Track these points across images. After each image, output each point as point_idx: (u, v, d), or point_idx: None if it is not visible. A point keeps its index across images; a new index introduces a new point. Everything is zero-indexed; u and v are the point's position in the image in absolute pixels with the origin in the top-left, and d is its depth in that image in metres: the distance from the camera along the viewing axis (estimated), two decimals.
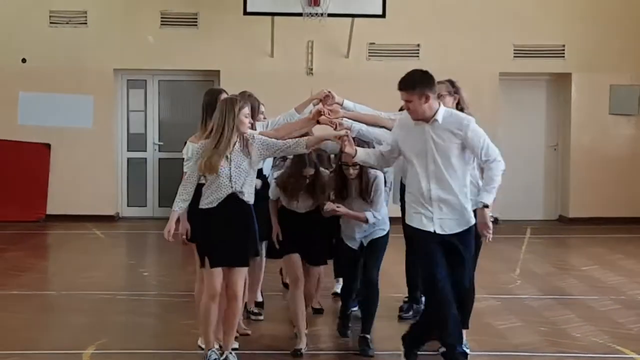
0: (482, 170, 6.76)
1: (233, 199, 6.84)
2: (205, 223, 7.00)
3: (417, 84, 6.69)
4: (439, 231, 6.64)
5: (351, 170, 7.44)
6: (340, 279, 9.61)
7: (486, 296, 9.16)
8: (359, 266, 8.00)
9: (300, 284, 7.68)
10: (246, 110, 7.01)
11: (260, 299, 8.66)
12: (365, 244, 7.92)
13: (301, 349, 7.45)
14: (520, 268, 11.66)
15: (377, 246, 7.91)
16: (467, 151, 6.59)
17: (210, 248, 6.98)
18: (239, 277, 7.06)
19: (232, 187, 6.85)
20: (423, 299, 8.22)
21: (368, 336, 7.61)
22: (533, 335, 8.41)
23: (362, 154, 7.03)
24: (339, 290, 9.58)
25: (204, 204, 6.97)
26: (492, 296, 8.96)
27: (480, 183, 6.82)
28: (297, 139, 7.11)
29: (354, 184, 7.58)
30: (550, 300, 10.11)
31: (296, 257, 7.74)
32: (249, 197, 6.94)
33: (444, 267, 6.57)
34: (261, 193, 7.43)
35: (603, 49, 16.12)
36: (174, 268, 8.54)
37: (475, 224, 6.69)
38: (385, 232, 7.90)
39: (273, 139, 7.25)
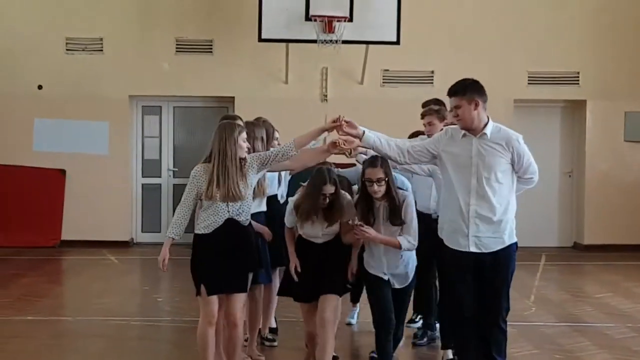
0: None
1: (230, 224, 6.79)
2: (200, 249, 6.95)
3: (468, 89, 6.65)
4: (473, 249, 6.48)
5: (375, 187, 6.85)
6: (357, 305, 9.57)
7: None
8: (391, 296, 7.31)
9: (309, 336, 7.42)
10: (244, 135, 7.02)
11: (274, 325, 8.61)
12: (392, 286, 7.31)
13: None
14: (535, 295, 11.61)
15: (406, 295, 7.46)
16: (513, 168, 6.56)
17: (206, 275, 6.91)
18: (238, 303, 6.98)
19: (229, 212, 6.81)
20: (437, 325, 8.26)
21: None
22: None
23: (372, 138, 6.65)
24: (353, 321, 9.59)
25: (199, 228, 6.95)
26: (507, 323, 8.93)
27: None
28: (285, 144, 7.16)
29: (382, 207, 7.01)
30: (565, 327, 10.06)
31: (306, 306, 7.34)
32: (246, 220, 6.91)
33: (471, 294, 6.52)
34: (277, 215, 7.44)
35: (617, 75, 16.12)
36: (188, 294, 8.48)
37: (515, 244, 6.67)
38: (412, 278, 7.35)
39: (265, 152, 7.46)
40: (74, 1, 15.98)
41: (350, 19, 14.80)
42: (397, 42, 14.98)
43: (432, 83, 15.67)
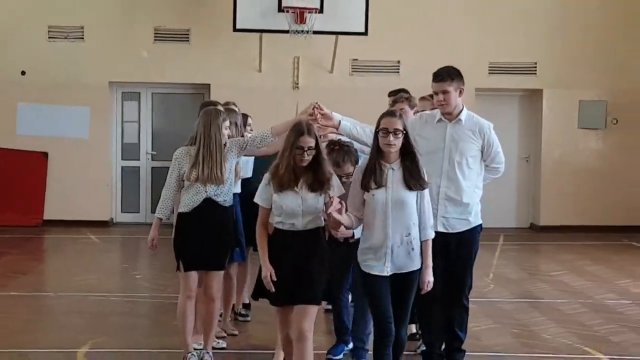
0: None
1: (209, 203, 6.84)
2: (181, 227, 7.00)
3: (455, 76, 6.73)
4: (441, 229, 6.42)
5: (392, 138, 5.64)
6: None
7: None
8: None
9: (285, 340, 6.11)
10: (227, 122, 7.14)
11: (247, 300, 8.63)
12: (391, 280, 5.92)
13: None
14: (493, 273, 11.71)
15: (411, 282, 5.90)
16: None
17: (185, 252, 6.97)
18: (215, 280, 7.05)
19: (206, 192, 6.87)
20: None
21: None
22: (506, 337, 8.48)
23: (348, 126, 6.52)
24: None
25: (181, 207, 7.02)
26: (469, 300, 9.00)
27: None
28: (263, 131, 6.97)
29: (396, 169, 5.76)
30: (522, 303, 10.17)
31: (283, 310, 6.00)
32: (225, 201, 6.96)
33: (439, 272, 6.20)
34: (251, 196, 7.05)
35: (572, 66, 16.23)
36: (166, 271, 8.53)
37: (480, 225, 6.77)
38: (419, 266, 5.87)
39: (244, 138, 7.37)
40: None
41: (321, 11, 14.77)
42: (365, 33, 14.98)
43: (398, 72, 15.75)
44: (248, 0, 14.86)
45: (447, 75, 6.75)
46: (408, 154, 5.74)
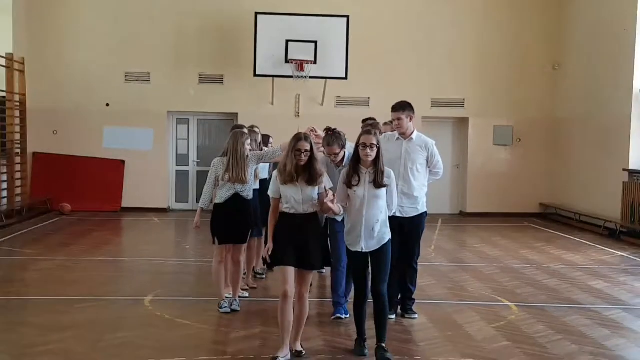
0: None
1: (236, 197, 7.02)
2: (216, 213, 7.12)
3: (406, 107, 7.00)
4: (398, 214, 6.50)
5: (368, 151, 5.64)
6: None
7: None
8: (368, 274, 5.98)
9: (289, 300, 5.58)
10: (249, 140, 7.26)
11: (262, 265, 8.63)
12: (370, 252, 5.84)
13: (278, 357, 5.53)
14: (434, 245, 11.70)
15: (384, 253, 5.81)
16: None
17: (219, 231, 7.11)
18: (239, 250, 7.21)
19: (234, 189, 7.04)
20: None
21: (384, 344, 5.78)
22: (443, 290, 8.53)
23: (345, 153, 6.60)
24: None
25: (216, 200, 7.16)
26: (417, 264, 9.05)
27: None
28: (275, 147, 7.57)
29: (367, 173, 5.73)
30: (454, 266, 10.17)
31: (290, 270, 5.62)
32: (248, 195, 7.11)
33: (397, 245, 6.33)
34: (266, 190, 6.91)
35: (489, 101, 16.26)
36: (206, 244, 8.55)
37: (426, 212, 7.02)
38: (389, 237, 5.86)
39: (261, 152, 7.66)
40: (131, 49, 15.82)
41: (315, 62, 14.82)
42: (346, 78, 15.04)
43: (368, 105, 15.68)
44: (264, 54, 14.94)
45: (400, 107, 7.00)
46: (377, 162, 5.67)
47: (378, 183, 5.63)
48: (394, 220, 6.12)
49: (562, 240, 13.01)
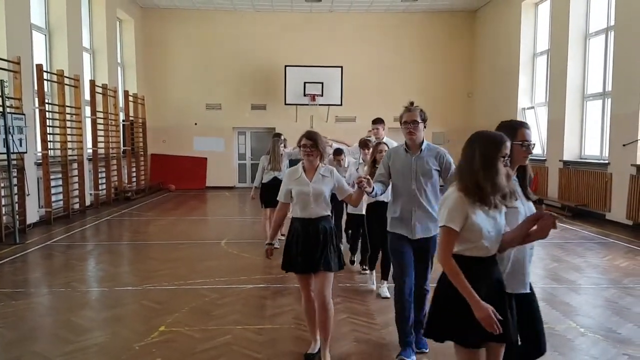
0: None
1: (275, 179, 6.72)
2: (264, 189, 6.96)
3: (380, 121, 6.25)
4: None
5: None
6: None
7: None
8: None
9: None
10: (283, 144, 7.08)
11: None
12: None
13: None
14: None
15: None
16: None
17: (264, 199, 6.96)
18: (274, 210, 6.57)
19: (274, 174, 6.85)
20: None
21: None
22: None
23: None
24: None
25: (263, 181, 6.98)
26: None
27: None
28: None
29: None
30: None
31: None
32: (281, 178, 6.41)
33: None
34: None
35: (430, 116, 15.87)
36: (257, 208, 8.62)
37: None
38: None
39: (290, 151, 7.11)
40: (209, 88, 15.74)
41: (322, 95, 14.83)
42: (341, 104, 15.01)
43: (355, 121, 15.62)
44: (290, 90, 14.92)
45: (378, 121, 6.34)
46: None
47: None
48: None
49: None
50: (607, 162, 9.55)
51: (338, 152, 6.36)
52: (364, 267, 5.65)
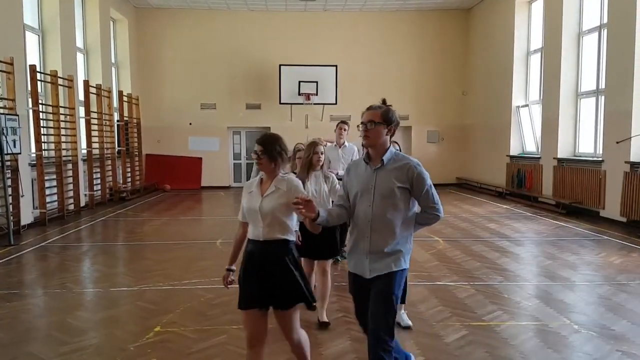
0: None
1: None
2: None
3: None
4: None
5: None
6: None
7: None
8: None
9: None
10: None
11: None
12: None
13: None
14: None
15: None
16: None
17: None
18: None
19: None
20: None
21: None
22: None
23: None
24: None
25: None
26: None
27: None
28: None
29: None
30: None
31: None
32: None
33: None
34: None
35: (424, 115, 16.22)
36: None
37: None
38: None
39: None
40: (203, 88, 15.72)
41: (316, 94, 14.83)
42: (336, 103, 15.02)
43: (350, 120, 15.62)
44: (285, 89, 14.91)
45: (345, 122, 6.31)
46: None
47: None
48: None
49: (470, 199, 12.93)
50: (601, 159, 9.61)
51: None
52: None
